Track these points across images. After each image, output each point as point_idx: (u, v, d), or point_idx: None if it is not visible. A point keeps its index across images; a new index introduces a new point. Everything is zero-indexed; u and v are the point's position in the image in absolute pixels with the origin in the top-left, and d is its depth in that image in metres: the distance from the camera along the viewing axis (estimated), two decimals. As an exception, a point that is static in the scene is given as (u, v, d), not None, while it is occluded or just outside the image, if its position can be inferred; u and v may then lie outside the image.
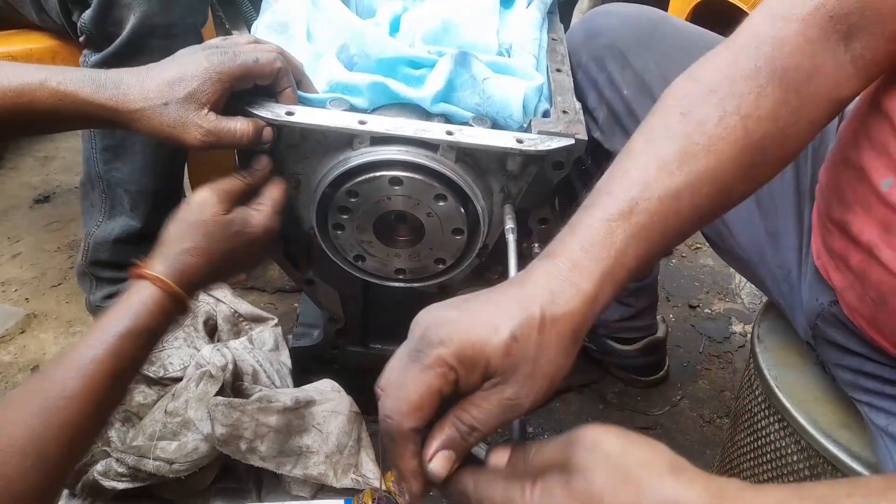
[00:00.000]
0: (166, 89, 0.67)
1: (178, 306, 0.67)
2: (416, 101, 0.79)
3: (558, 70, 0.92)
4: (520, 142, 0.77)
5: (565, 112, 0.82)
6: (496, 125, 0.81)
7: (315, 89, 0.80)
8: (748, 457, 0.88)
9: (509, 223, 0.79)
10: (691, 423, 1.32)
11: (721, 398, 1.38)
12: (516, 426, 0.52)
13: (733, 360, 1.48)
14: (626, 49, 0.94)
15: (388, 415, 0.47)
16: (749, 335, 1.51)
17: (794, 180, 0.82)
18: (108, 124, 0.69)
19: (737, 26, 0.63)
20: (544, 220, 0.88)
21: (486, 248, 0.88)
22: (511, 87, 0.80)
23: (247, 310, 1.22)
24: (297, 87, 0.78)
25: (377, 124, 0.76)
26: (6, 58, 1.13)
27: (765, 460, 0.84)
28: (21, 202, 1.72)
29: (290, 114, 0.76)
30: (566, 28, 1.08)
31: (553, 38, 1.00)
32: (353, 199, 0.81)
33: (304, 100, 0.79)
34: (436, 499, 1.11)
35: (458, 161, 0.78)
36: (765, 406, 0.83)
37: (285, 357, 1.17)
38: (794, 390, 0.80)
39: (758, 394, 0.85)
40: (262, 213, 0.74)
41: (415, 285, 0.92)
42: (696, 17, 1.82)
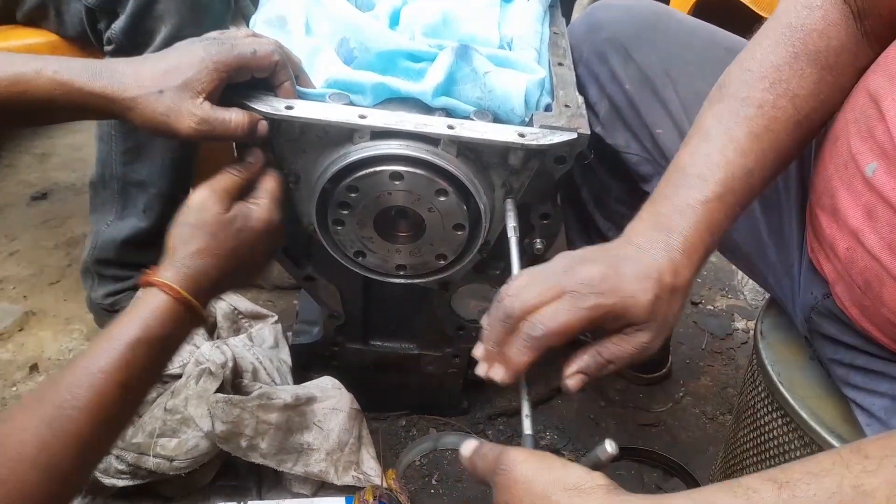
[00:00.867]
0: (161, 77, 0.66)
1: (189, 313, 0.65)
2: (417, 96, 0.78)
3: (560, 64, 0.91)
4: (522, 136, 0.76)
5: (567, 106, 0.82)
6: (498, 119, 0.80)
7: (313, 85, 0.79)
8: (751, 453, 0.87)
9: (511, 219, 0.79)
10: (694, 419, 1.32)
11: (724, 395, 1.37)
12: (528, 440, 0.59)
13: (736, 356, 1.47)
14: (628, 43, 0.93)
15: (537, 322, 0.57)
16: (751, 331, 1.51)
17: (799, 175, 0.81)
18: (103, 114, 0.68)
19: (739, 20, 0.72)
20: (546, 215, 0.87)
21: (487, 244, 0.87)
22: (512, 81, 0.79)
23: (246, 307, 1.21)
24: (296, 83, 0.78)
25: (377, 119, 0.76)
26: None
27: (768, 456, 0.83)
28: (18, 199, 1.71)
29: (290, 108, 0.75)
30: (567, 22, 1.07)
31: (555, 32, 0.99)
32: (353, 195, 0.80)
33: (302, 95, 0.78)
34: (437, 497, 1.11)
35: (460, 155, 0.78)
36: (768, 402, 0.83)
37: (285, 354, 1.17)
38: (797, 386, 0.79)
39: (760, 390, 0.84)
40: (262, 206, 0.73)
41: (416, 281, 0.91)
42: (699, 11, 1.81)
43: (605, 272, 0.59)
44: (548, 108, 0.83)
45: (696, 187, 0.64)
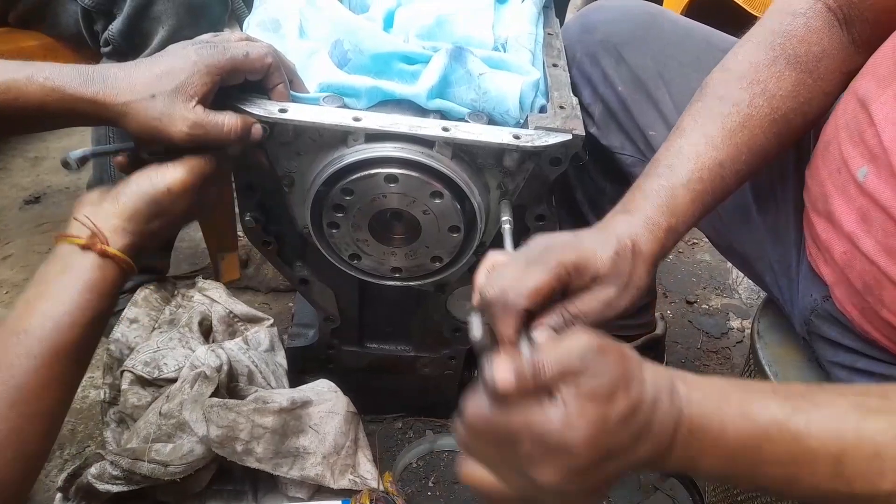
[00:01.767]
0: (154, 82, 0.66)
1: (116, 265, 0.66)
2: (411, 98, 0.78)
3: (555, 65, 0.91)
4: (517, 138, 0.76)
5: (562, 107, 0.82)
6: (492, 121, 0.80)
7: (307, 89, 0.79)
8: (748, 453, 0.87)
9: (505, 214, 0.79)
10: (689, 419, 1.32)
11: (719, 394, 1.37)
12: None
13: (731, 355, 1.47)
14: (621, 44, 0.93)
15: (506, 290, 0.57)
16: (747, 331, 1.51)
17: (796, 175, 0.81)
18: (95, 120, 0.67)
19: (732, 21, 0.75)
20: (541, 216, 0.87)
21: (483, 246, 0.87)
22: (507, 83, 0.79)
23: (242, 310, 1.21)
24: (289, 87, 0.77)
25: (372, 121, 0.75)
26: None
27: (765, 456, 0.83)
28: (11, 203, 1.70)
29: (283, 111, 0.75)
30: (561, 23, 1.07)
31: (549, 33, 0.99)
32: (347, 197, 0.80)
33: (296, 98, 0.78)
34: (434, 499, 1.11)
35: (455, 157, 0.77)
36: (765, 402, 0.83)
37: (281, 358, 1.16)
38: (794, 386, 0.79)
39: (758, 390, 0.84)
40: (213, 198, 0.75)
41: (411, 284, 0.91)
42: (692, 11, 1.82)
43: (565, 238, 0.63)
44: (542, 109, 0.83)
45: (663, 175, 0.68)
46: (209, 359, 1.04)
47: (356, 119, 0.75)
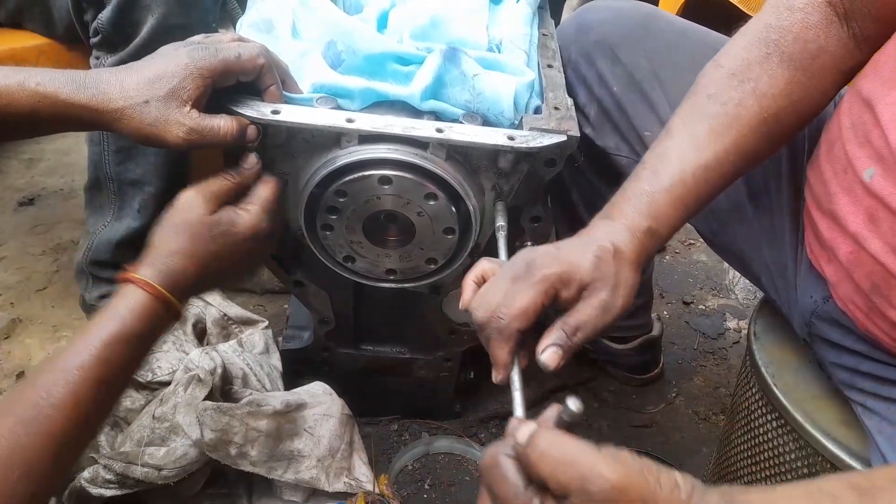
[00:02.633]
0: (147, 87, 0.66)
1: (167, 310, 0.66)
2: (405, 99, 0.78)
3: (549, 66, 0.91)
4: (511, 139, 0.75)
5: (557, 108, 0.81)
6: (487, 122, 0.79)
7: (300, 90, 0.79)
8: (745, 455, 0.87)
9: (500, 220, 0.78)
10: (686, 420, 1.31)
11: (716, 395, 1.37)
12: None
13: (728, 356, 1.47)
14: (616, 45, 0.93)
15: (499, 315, 0.59)
16: (744, 332, 1.51)
17: (791, 177, 0.81)
18: (88, 125, 0.67)
19: (728, 20, 0.73)
20: (537, 218, 0.86)
21: (478, 247, 0.87)
22: (502, 84, 0.79)
23: (236, 313, 1.20)
24: (282, 88, 0.77)
25: (365, 122, 0.75)
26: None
27: (762, 458, 0.83)
28: (5, 205, 1.69)
29: (276, 112, 0.74)
30: (557, 23, 1.06)
31: (544, 34, 0.99)
32: (341, 199, 0.79)
33: (289, 99, 0.77)
34: (430, 502, 1.10)
35: (449, 159, 0.77)
36: (762, 404, 0.82)
37: (276, 360, 1.16)
38: (791, 388, 0.79)
39: (754, 391, 0.84)
40: (251, 212, 0.72)
41: (406, 286, 0.90)
42: (687, 11, 1.82)
43: (545, 251, 0.63)
44: (537, 110, 0.82)
45: (646, 180, 0.68)
46: (203, 361, 1.04)
47: (350, 120, 0.75)
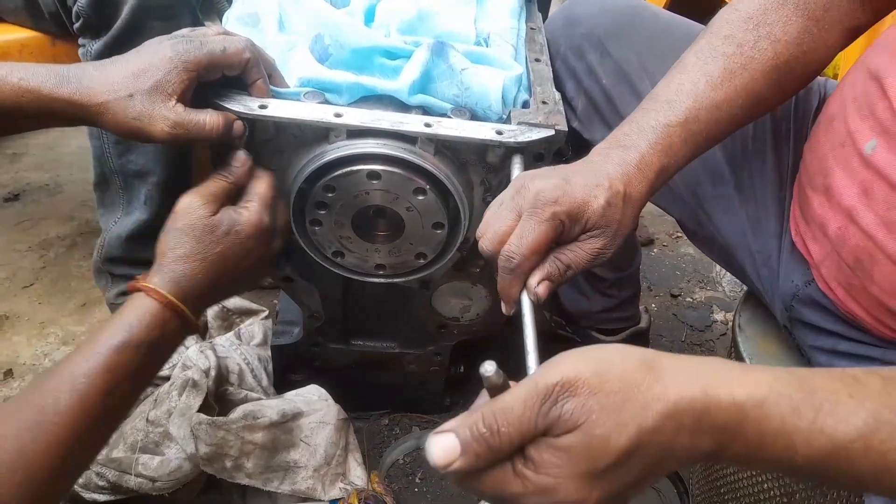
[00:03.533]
0: (131, 80, 0.65)
1: (178, 318, 0.65)
2: (393, 93, 0.78)
3: (537, 60, 0.91)
4: (499, 133, 0.75)
5: (545, 102, 0.81)
6: (475, 116, 0.79)
7: (287, 84, 0.78)
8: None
9: None
10: (674, 411, 1.32)
11: (703, 386, 1.38)
12: None
13: (715, 347, 1.48)
14: (605, 38, 0.93)
15: (510, 255, 0.60)
16: (730, 323, 1.52)
17: (776, 166, 0.82)
18: (73, 120, 0.66)
19: (715, 12, 0.73)
20: (525, 212, 0.86)
21: (467, 242, 0.87)
22: (490, 78, 0.79)
23: (235, 303, 1.20)
24: (269, 82, 0.76)
25: (353, 117, 0.75)
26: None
27: (748, 449, 0.84)
28: (-10, 201, 1.68)
29: (263, 107, 0.74)
30: (545, 16, 1.06)
31: (531, 27, 0.99)
32: (330, 195, 0.79)
33: (276, 94, 0.77)
34: (421, 496, 1.11)
35: (437, 154, 0.77)
36: (748, 395, 0.83)
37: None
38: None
39: (740, 383, 0.85)
40: (250, 210, 0.72)
41: (396, 281, 0.90)
42: (675, 4, 1.82)
43: (555, 183, 0.62)
44: (525, 104, 0.82)
45: (662, 111, 0.67)
46: (199, 360, 1.03)
47: (338, 115, 0.74)
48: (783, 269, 0.78)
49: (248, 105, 0.74)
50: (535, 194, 0.61)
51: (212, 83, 0.72)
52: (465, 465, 0.43)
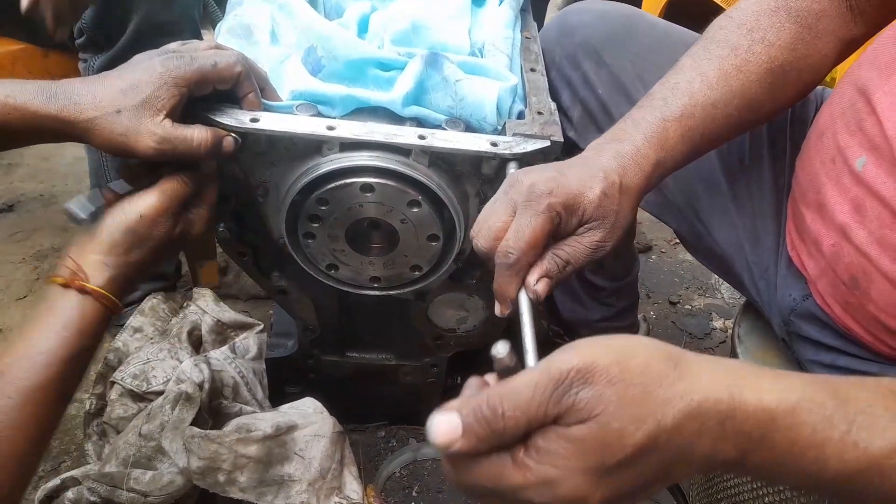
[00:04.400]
0: (119, 97, 0.64)
1: (113, 313, 0.67)
2: (387, 105, 0.77)
3: (532, 70, 0.90)
4: (494, 145, 0.75)
5: (540, 113, 0.81)
6: (470, 128, 0.79)
7: (279, 97, 0.77)
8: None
9: None
10: (674, 421, 1.31)
11: (703, 395, 1.37)
12: None
13: (714, 355, 1.47)
14: (601, 47, 0.92)
15: (508, 251, 0.59)
16: (729, 331, 1.51)
17: (773, 179, 0.81)
18: (60, 137, 0.65)
19: (711, 21, 0.75)
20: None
21: (462, 253, 0.86)
22: (484, 89, 0.78)
23: (230, 317, 1.18)
24: (261, 95, 0.76)
25: (346, 130, 0.74)
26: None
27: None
28: (-16, 212, 1.67)
29: (255, 120, 0.73)
30: (540, 26, 1.06)
31: (526, 37, 0.98)
32: (323, 207, 0.78)
33: (269, 107, 0.76)
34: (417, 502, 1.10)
35: (432, 166, 0.76)
36: (747, 407, 0.82)
37: (269, 364, 1.14)
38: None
39: (740, 394, 0.84)
40: (202, 219, 0.74)
41: (391, 293, 0.89)
42: (670, 13, 1.82)
43: (549, 175, 0.61)
44: (520, 115, 0.82)
45: (657, 108, 0.68)
46: (193, 373, 1.02)
47: (330, 128, 0.74)
48: (781, 283, 0.77)
49: (240, 118, 0.73)
50: (528, 187, 0.60)
51: (203, 97, 0.71)
52: (464, 446, 0.40)
